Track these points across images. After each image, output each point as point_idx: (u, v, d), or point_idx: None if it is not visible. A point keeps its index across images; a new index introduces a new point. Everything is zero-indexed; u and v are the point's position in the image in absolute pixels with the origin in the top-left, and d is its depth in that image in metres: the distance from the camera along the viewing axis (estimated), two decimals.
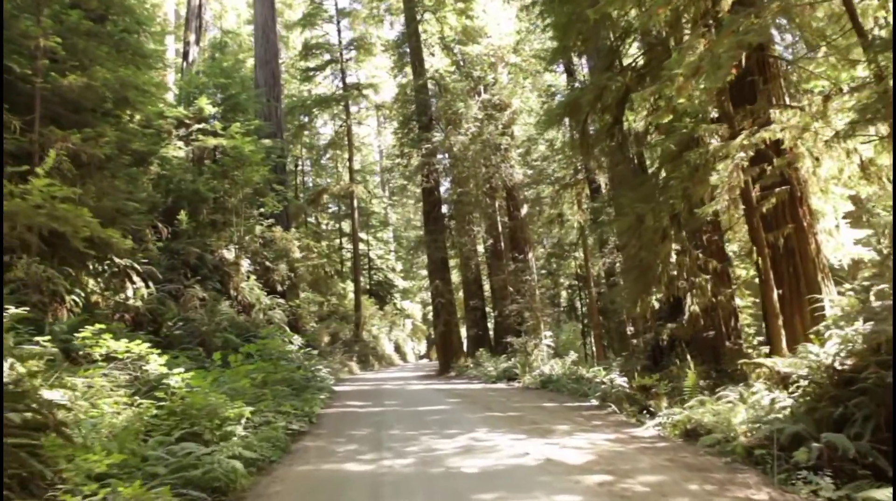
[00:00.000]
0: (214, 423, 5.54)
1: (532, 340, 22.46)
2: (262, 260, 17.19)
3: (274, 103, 22.30)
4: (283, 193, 17.15)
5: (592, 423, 8.24)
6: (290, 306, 17.41)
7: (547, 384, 14.61)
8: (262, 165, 17.00)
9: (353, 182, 28.66)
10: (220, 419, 5.60)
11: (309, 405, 9.75)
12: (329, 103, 30.56)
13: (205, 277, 14.53)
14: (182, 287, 13.54)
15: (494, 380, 17.48)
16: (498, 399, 11.74)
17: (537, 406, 10.37)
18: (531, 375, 16.44)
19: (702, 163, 8.68)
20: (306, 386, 12.25)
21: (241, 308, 15.31)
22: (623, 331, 20.91)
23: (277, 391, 9.27)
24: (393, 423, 8.47)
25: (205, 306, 13.94)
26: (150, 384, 5.95)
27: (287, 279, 17.29)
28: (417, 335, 51.43)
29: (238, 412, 5.72)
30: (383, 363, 31.96)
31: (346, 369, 24.45)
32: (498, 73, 27.78)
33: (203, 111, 17.43)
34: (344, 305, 32.05)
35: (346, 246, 36.78)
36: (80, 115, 11.05)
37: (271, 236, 17.19)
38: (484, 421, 8.45)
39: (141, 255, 12.46)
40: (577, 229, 30.24)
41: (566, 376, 15.34)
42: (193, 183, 15.51)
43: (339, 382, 18.64)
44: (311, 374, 13.88)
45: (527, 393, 13.37)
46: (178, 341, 12.11)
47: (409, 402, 11.46)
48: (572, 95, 10.22)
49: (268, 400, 7.46)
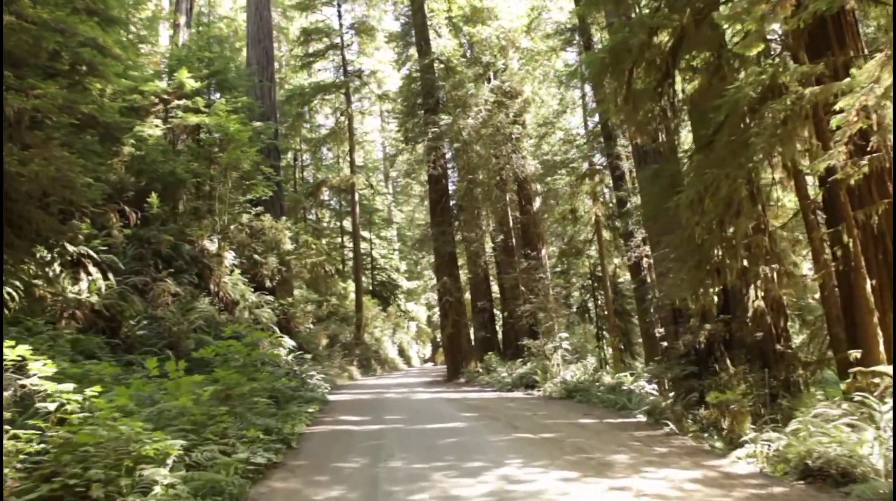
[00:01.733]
0: (123, 466, 3.62)
1: (550, 342, 20.56)
2: (250, 253, 15.28)
3: (267, 84, 20.43)
4: (273, 176, 15.25)
5: (656, 450, 6.28)
6: (280, 305, 15.49)
7: (573, 394, 12.66)
8: (249, 145, 15.09)
9: (353, 173, 26.73)
10: (131, 460, 3.68)
11: (291, 423, 7.82)
12: (329, 91, 28.68)
13: (180, 269, 12.63)
14: (150, 281, 11.64)
15: (510, 388, 15.52)
16: (521, 413, 9.78)
17: (573, 424, 8.41)
18: (552, 382, 14.48)
19: (792, 113, 6.74)
20: (293, 397, 10.33)
21: (223, 306, 13.40)
22: (650, 333, 18.90)
23: (250, 407, 7.34)
24: (394, 450, 6.53)
25: (178, 303, 12.04)
26: (36, 406, 4.05)
27: (277, 274, 15.38)
28: (422, 337, 49.47)
29: (161, 447, 3.80)
30: (386, 367, 30.00)
31: (346, 374, 22.52)
32: (508, 58, 25.93)
33: (184, 87, 15.53)
34: (345, 305, 30.12)
35: (347, 245, 34.91)
36: (20, 69, 9.18)
37: (260, 225, 15.27)
38: (514, 447, 6.50)
39: (99, 242, 10.57)
40: (591, 225, 28.33)
41: (591, 383, 13.44)
42: (169, 163, 13.62)
43: (337, 389, 16.70)
44: (301, 382, 11.95)
45: (552, 405, 11.40)
46: (140, 342, 10.20)
47: (415, 417, 9.51)
48: (618, 37, 8.32)
49: (225, 423, 5.54)
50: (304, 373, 13.06)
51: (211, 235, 14.58)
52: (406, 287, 43.37)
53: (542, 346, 18.97)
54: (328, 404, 11.68)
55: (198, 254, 13.40)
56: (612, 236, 27.66)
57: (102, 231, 11.20)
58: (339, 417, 9.71)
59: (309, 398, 10.54)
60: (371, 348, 28.47)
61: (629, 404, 9.99)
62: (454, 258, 20.49)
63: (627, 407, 9.88)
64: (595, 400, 11.54)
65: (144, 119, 15.05)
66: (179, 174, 13.50)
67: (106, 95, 14.64)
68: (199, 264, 13.33)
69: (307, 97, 29.38)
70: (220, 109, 15.06)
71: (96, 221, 11.36)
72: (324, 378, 14.53)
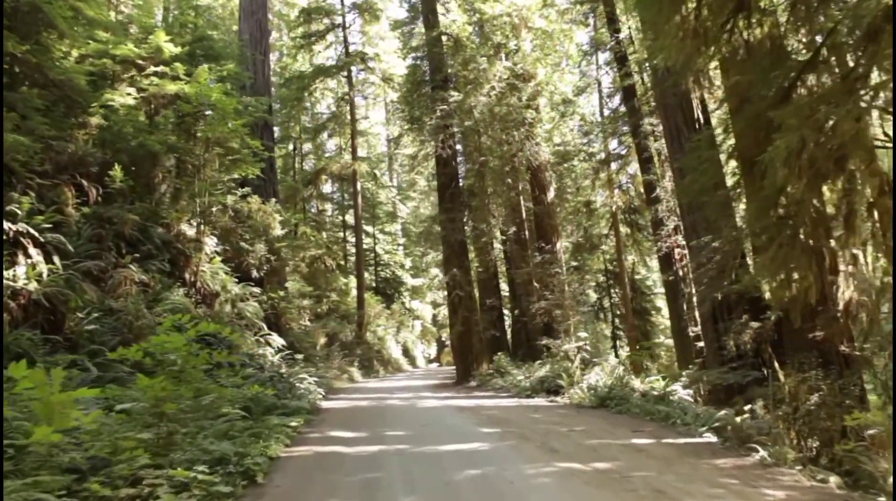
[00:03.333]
0: None
1: (571, 343, 18.75)
2: (236, 239, 13.46)
3: (260, 57, 18.62)
4: (261, 153, 13.43)
5: (767, 494, 4.42)
6: (270, 298, 13.67)
7: (606, 402, 10.80)
8: (235, 117, 13.28)
9: (355, 160, 24.88)
10: None
11: (263, 445, 5.99)
12: (330, 74, 26.84)
13: (148, 255, 10.83)
14: (109, 267, 9.84)
15: (529, 394, 13.64)
16: (554, 428, 7.92)
17: (627, 446, 6.54)
18: (579, 388, 12.61)
19: None
20: (274, 406, 8.50)
21: (201, 298, 11.60)
22: (684, 332, 16.99)
23: (203, 428, 5.51)
24: (396, 489, 4.69)
25: (146, 294, 10.24)
26: None
27: (265, 263, 13.56)
28: (427, 337, 47.64)
29: None
30: (389, 368, 28.15)
31: (346, 376, 20.70)
32: (521, 39, 24.12)
33: (162, 52, 13.76)
34: (346, 302, 28.31)
35: (349, 240, 33.11)
36: None
37: (247, 208, 13.44)
38: (564, 487, 4.64)
39: (43, 219, 8.77)
40: (607, 218, 26.45)
41: (621, 388, 11.63)
42: (142, 135, 11.83)
43: (333, 393, 14.86)
44: (288, 386, 10.13)
45: (586, 416, 9.53)
46: (89, 339, 8.39)
47: (422, 433, 7.66)
48: None
49: (141, 459, 3.72)
50: (293, 376, 11.24)
51: (190, 218, 12.79)
52: (411, 284, 41.53)
53: (562, 346, 17.15)
54: (318, 414, 9.83)
55: (172, 238, 11.60)
56: (631, 230, 25.83)
57: (51, 207, 9.41)
58: (330, 432, 7.86)
59: (294, 408, 8.70)
60: (373, 347, 26.65)
61: (685, 417, 8.11)
62: (464, 248, 18.61)
63: (683, 421, 8.01)
64: (635, 411, 9.69)
65: (116, 87, 13.29)
66: (151, 146, 11.70)
67: (70, 58, 12.91)
68: (173, 250, 11.52)
69: (307, 81, 27.57)
70: (202, 77, 13.26)
71: (45, 195, 9.57)
72: (317, 382, 12.71)
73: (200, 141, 12.73)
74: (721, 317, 12.37)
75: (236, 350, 10.66)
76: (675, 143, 14.05)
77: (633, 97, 18.89)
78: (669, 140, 14.71)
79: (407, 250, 44.14)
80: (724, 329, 11.73)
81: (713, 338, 12.62)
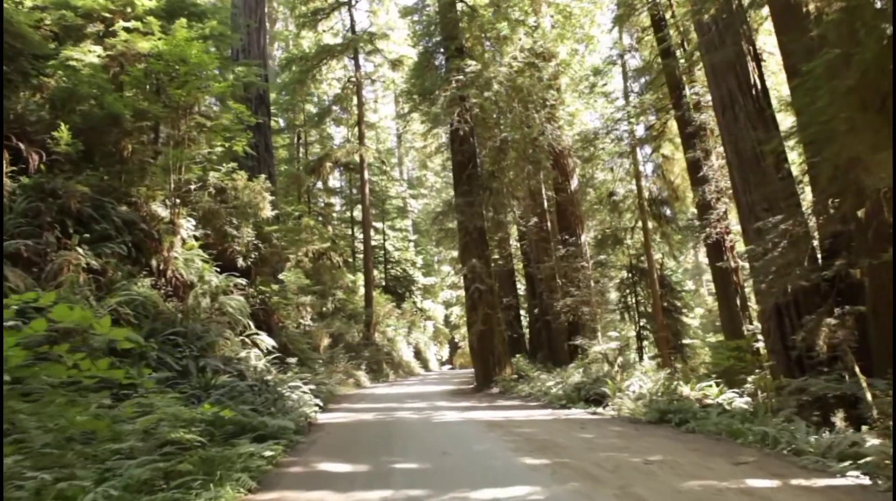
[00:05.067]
0: None
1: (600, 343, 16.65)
2: (220, 222, 11.46)
3: (254, 25, 16.66)
4: (248, 121, 11.39)
5: None
6: (258, 292, 11.67)
7: (668, 417, 8.69)
8: (217, 80, 11.29)
9: (362, 145, 22.85)
10: None
11: (211, 498, 3.94)
12: (335, 53, 24.84)
13: (103, 236, 8.84)
14: (50, 249, 7.86)
15: (565, 403, 11.50)
16: (623, 459, 5.80)
17: (744, 491, 4.43)
18: (628, 397, 10.49)
19: None
20: (249, 427, 6.46)
21: (172, 290, 9.59)
22: (737, 330, 14.80)
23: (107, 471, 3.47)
24: None
25: (98, 283, 8.26)
26: None
27: (254, 250, 11.56)
28: (439, 338, 45.56)
29: None
30: (400, 372, 26.09)
31: (352, 380, 18.68)
32: (541, 15, 22.12)
33: (134, 6, 11.82)
34: (353, 301, 26.31)
35: (357, 236, 31.13)
36: None
37: (231, 184, 11.43)
38: None
39: None
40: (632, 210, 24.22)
41: (669, 396, 9.61)
42: (106, 96, 9.87)
43: (335, 402, 12.83)
44: (271, 397, 8.09)
45: (650, 437, 7.40)
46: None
47: (443, 467, 5.58)
48: None
49: None
50: (282, 385, 9.20)
51: (166, 197, 10.82)
52: (422, 283, 39.47)
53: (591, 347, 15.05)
54: (309, 434, 7.76)
55: (137, 218, 9.61)
56: (658, 222, 23.67)
57: None
58: (317, 465, 5.80)
59: (275, 429, 6.64)
60: (383, 349, 24.61)
61: (809, 447, 5.89)
62: (483, 236, 16.48)
63: (801, 449, 5.86)
64: (710, 429, 7.59)
65: (78, 44, 11.34)
66: (112, 108, 9.72)
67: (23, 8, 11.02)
68: (138, 232, 9.52)
69: (310, 63, 25.62)
70: (180, 33, 11.28)
71: None
72: (314, 390, 10.68)
73: (176, 105, 10.74)
74: (788, 313, 10.25)
75: (210, 353, 8.65)
76: (728, 113, 11.94)
77: (672, 62, 16.70)
78: (721, 110, 12.51)
79: (418, 247, 42.09)
80: (792, 327, 9.65)
81: (777, 338, 10.49)
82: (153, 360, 7.64)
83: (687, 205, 25.58)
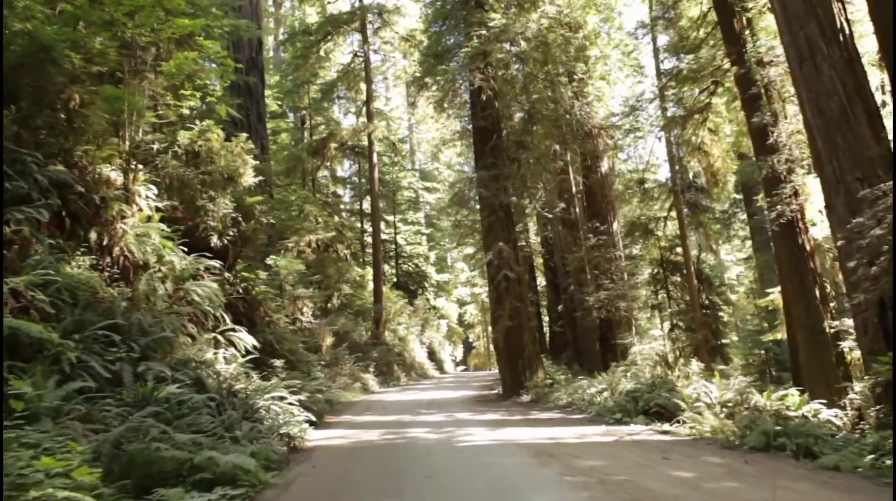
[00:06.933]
0: None
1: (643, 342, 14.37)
2: (192, 192, 9.25)
3: None
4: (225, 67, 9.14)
5: None
6: (237, 279, 9.44)
7: (777, 441, 6.35)
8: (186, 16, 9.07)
9: (370, 123, 20.60)
10: None
11: None
12: (341, 24, 22.62)
13: (21, 199, 6.65)
14: None
15: (620, 418, 9.13)
16: None
17: None
18: (707, 411, 8.13)
19: None
20: (186, 466, 4.19)
21: (119, 271, 7.39)
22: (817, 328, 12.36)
23: None
24: None
25: (5, 257, 6.08)
26: None
27: (232, 227, 9.35)
28: (453, 338, 43.23)
29: None
30: (413, 374, 23.81)
31: (358, 385, 16.45)
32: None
33: None
34: (361, 296, 24.08)
35: (367, 229, 28.95)
36: None
37: (206, 147, 9.22)
38: None
39: None
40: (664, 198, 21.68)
41: (775, 415, 7.32)
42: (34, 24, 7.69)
43: (335, 413, 10.58)
44: (238, 416, 5.82)
45: (781, 477, 5.04)
46: None
47: None
48: None
49: None
50: (259, 395, 6.95)
51: (122, 157, 8.62)
52: (436, 279, 37.20)
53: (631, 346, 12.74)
54: (283, 470, 5.47)
55: (71, 179, 7.40)
56: (694, 212, 21.27)
57: None
58: None
59: (227, 469, 4.36)
60: (393, 350, 22.35)
61: None
62: (510, 216, 14.13)
63: None
64: (854, 460, 5.26)
65: None
66: (42, 38, 7.53)
67: None
68: (73, 197, 7.31)
69: (314, 39, 23.46)
70: None
71: None
72: (306, 401, 8.43)
73: (132, 46, 8.55)
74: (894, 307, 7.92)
75: (159, 354, 6.42)
76: (808, 65, 9.55)
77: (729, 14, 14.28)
78: (797, 62, 10.02)
79: (431, 241, 39.82)
80: None
81: (879, 336, 8.17)
82: (69, 364, 5.44)
83: (728, 191, 23.15)
